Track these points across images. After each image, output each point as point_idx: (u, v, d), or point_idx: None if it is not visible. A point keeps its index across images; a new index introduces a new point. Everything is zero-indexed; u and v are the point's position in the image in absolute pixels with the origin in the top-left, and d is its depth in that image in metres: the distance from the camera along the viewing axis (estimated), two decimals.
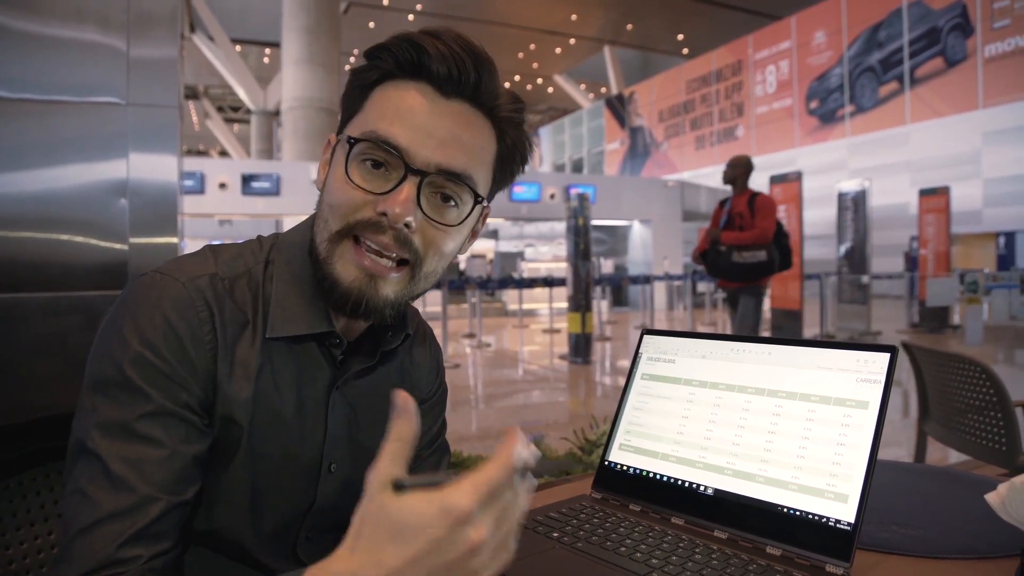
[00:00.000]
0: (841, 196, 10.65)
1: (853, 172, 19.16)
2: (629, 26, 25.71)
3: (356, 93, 0.77)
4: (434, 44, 0.72)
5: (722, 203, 5.40)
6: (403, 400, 0.49)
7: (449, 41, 0.72)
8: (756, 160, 5.58)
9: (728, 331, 11.38)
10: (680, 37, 26.70)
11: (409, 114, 0.72)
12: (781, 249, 5.11)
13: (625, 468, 0.93)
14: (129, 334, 0.69)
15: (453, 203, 0.75)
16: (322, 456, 0.81)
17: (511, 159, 0.81)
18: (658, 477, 0.89)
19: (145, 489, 0.66)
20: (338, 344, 0.80)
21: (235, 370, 0.73)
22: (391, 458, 0.47)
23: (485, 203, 0.79)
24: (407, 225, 0.72)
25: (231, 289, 0.75)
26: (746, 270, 4.96)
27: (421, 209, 0.73)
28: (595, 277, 9.37)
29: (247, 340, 0.75)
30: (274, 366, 0.76)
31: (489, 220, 0.86)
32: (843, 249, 10.53)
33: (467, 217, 0.76)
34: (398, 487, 0.46)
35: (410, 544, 0.45)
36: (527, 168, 0.87)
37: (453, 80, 0.73)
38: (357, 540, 0.47)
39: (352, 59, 26.24)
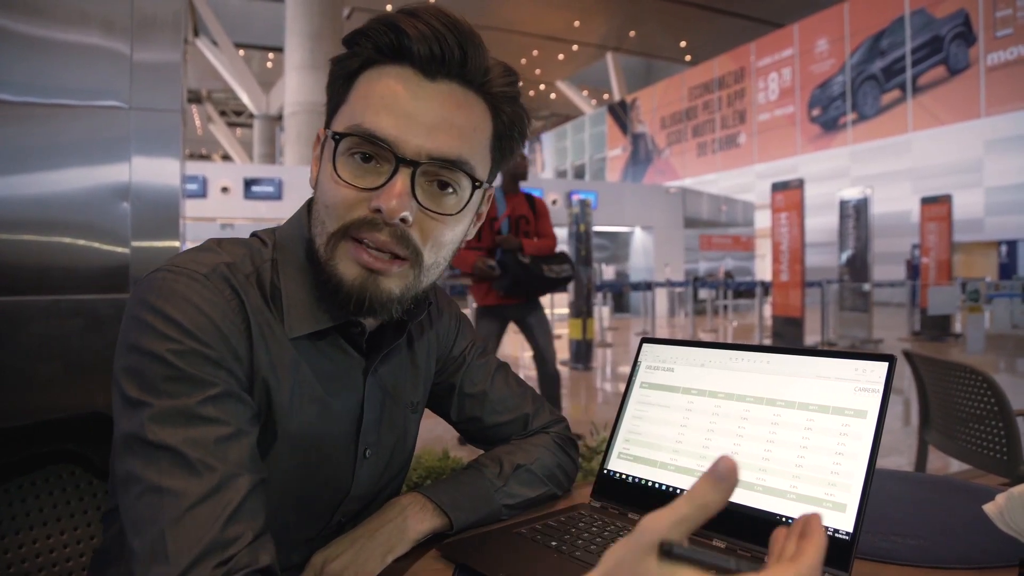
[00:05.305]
0: (843, 204, 10.66)
1: (855, 180, 19.19)
2: (632, 33, 25.78)
3: (339, 83, 0.73)
4: (412, 24, 0.67)
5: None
6: (726, 467, 0.37)
7: (429, 19, 0.68)
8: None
9: (730, 339, 11.38)
10: (682, 44, 26.76)
11: (394, 101, 0.68)
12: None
13: (624, 477, 0.93)
14: (166, 328, 0.65)
15: (451, 190, 0.72)
16: (357, 442, 0.80)
17: (509, 136, 0.77)
18: (657, 486, 0.89)
19: (226, 467, 0.62)
20: (360, 332, 0.78)
21: (272, 360, 0.72)
22: (677, 519, 0.37)
23: (486, 186, 0.76)
24: (403, 220, 0.68)
25: (248, 282, 0.72)
26: (551, 285, 4.08)
27: (417, 201, 0.69)
28: (596, 283, 9.37)
29: (276, 333, 0.73)
30: (307, 359, 0.75)
31: None
32: (844, 257, 10.53)
33: (467, 203, 0.73)
34: (667, 552, 0.37)
35: None
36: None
37: (436, 60, 0.68)
38: None
39: None
